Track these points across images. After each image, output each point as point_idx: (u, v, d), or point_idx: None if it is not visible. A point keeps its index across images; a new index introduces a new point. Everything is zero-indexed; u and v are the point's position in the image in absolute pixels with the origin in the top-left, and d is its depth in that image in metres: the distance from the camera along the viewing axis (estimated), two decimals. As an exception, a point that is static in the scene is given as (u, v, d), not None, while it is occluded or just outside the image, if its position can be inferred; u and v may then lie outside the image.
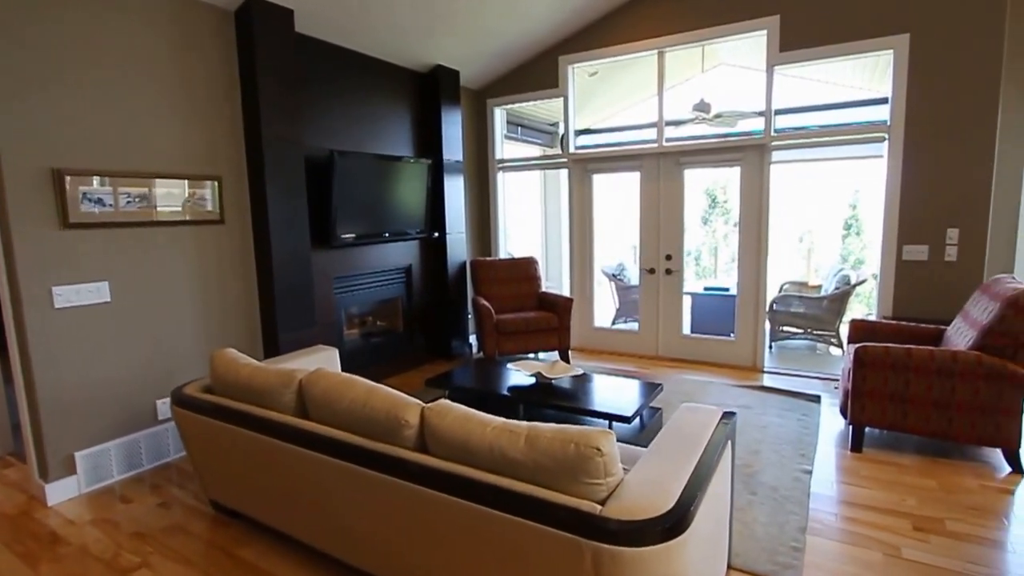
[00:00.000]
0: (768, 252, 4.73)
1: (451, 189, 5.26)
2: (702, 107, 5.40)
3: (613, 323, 6.41)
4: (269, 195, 3.71)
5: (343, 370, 4.43)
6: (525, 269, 5.38)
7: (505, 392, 3.34)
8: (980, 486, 2.84)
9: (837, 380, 4.49)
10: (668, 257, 5.13)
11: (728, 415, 2.12)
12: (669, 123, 5.34)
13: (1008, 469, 2.98)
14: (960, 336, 3.21)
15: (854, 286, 5.52)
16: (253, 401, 2.37)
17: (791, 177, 8.29)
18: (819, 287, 6.52)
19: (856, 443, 3.24)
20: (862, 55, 4.24)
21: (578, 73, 5.62)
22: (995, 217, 4.13)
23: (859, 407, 3.20)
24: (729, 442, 2.04)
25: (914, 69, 4.03)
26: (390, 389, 2.08)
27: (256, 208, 3.76)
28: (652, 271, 5.22)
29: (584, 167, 5.46)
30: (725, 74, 6.61)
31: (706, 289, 6.04)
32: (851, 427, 3.26)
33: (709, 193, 10.11)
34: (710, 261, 9.84)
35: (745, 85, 6.51)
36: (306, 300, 3.99)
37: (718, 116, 5.39)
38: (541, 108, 6.33)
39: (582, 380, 3.41)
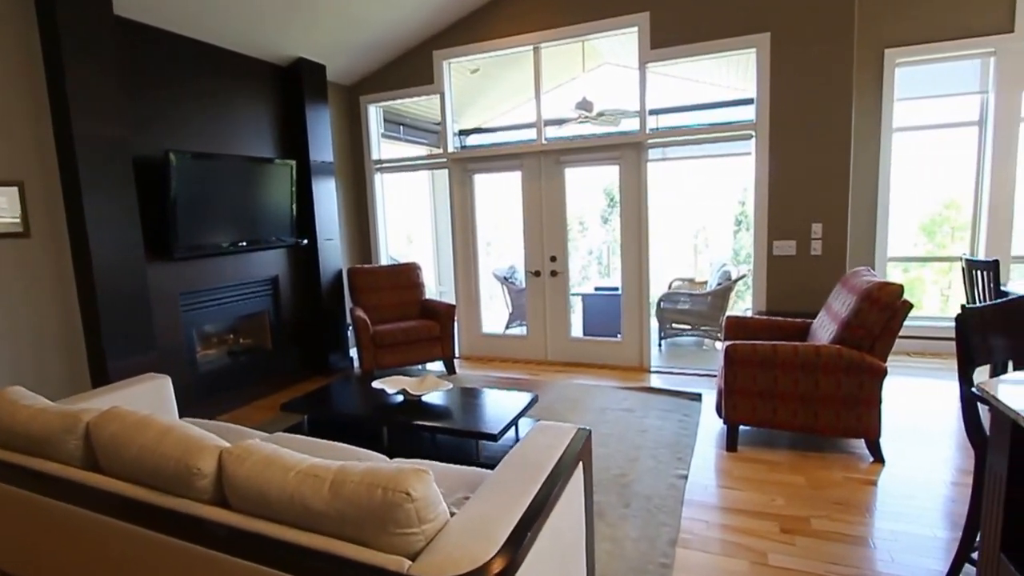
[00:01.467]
0: (649, 250, 4.70)
1: (321, 192, 4.82)
2: (584, 105, 5.32)
3: (507, 327, 6.20)
4: (87, 203, 3.14)
5: (194, 400, 3.90)
6: (407, 276, 5.04)
7: (368, 414, 2.99)
8: (845, 479, 2.85)
9: (716, 375, 4.52)
10: (553, 258, 4.98)
11: (582, 432, 1.90)
12: (552, 122, 5.21)
13: (871, 459, 3.03)
14: (823, 330, 3.25)
15: (734, 281, 5.66)
16: (32, 451, 1.90)
17: (681, 175, 8.52)
18: (705, 283, 6.67)
19: (731, 442, 3.19)
20: (729, 53, 4.30)
21: (458, 70, 5.37)
22: (854, 211, 4.31)
23: (732, 405, 3.15)
24: (581, 463, 1.83)
25: (775, 68, 4.12)
26: (191, 428, 1.69)
27: (72, 218, 3.18)
28: (537, 273, 5.06)
29: (464, 167, 5.21)
30: (608, 73, 6.62)
31: (596, 289, 5.99)
32: (726, 426, 3.21)
33: (607, 192, 10.24)
34: (609, 260, 9.96)
35: (627, 84, 6.55)
36: (141, 320, 3.43)
37: (601, 115, 5.33)
38: (424, 106, 6.02)
39: (453, 395, 3.13)
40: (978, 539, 1.63)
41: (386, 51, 5.06)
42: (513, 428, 2.90)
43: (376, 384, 3.08)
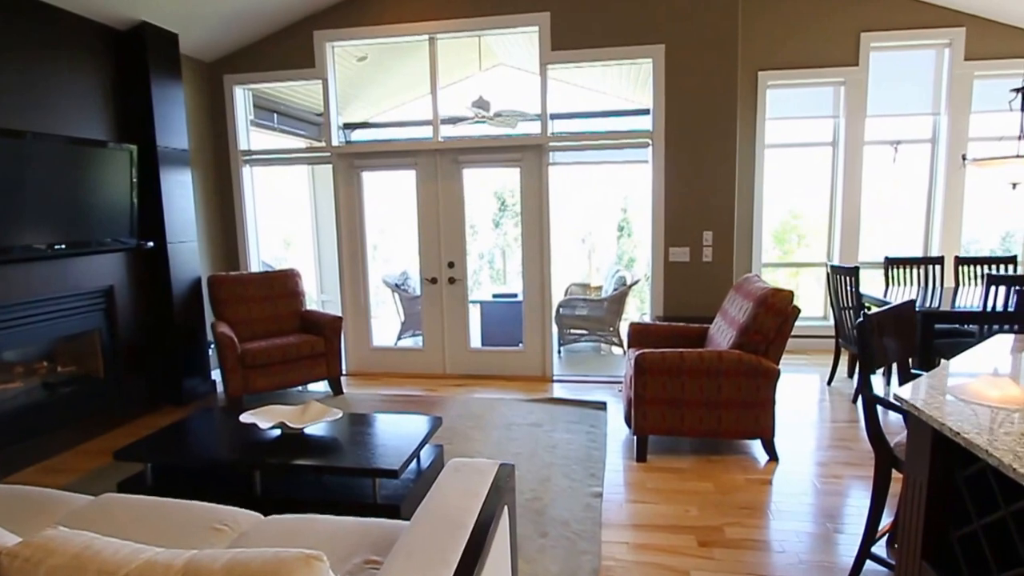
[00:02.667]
0: (551, 255, 4.58)
1: (173, 185, 4.10)
2: (481, 104, 5.09)
3: (399, 339, 5.79)
4: None
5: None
6: (284, 284, 4.46)
7: (234, 456, 2.49)
8: (747, 481, 2.88)
9: (621, 382, 4.51)
10: (451, 264, 4.69)
11: (504, 470, 1.64)
12: (447, 120, 4.92)
13: (767, 458, 3.11)
14: (722, 335, 3.30)
15: (629, 287, 5.74)
16: None
17: (572, 180, 8.62)
18: (600, 288, 6.75)
19: (641, 453, 3.12)
20: (627, 62, 4.31)
21: (344, 56, 4.89)
22: (738, 220, 4.51)
23: (642, 415, 3.08)
24: (507, 507, 1.57)
25: (670, 79, 4.19)
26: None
27: None
28: (434, 280, 4.73)
29: (351, 163, 4.74)
30: (504, 75, 6.48)
31: (495, 297, 5.78)
32: (636, 437, 3.13)
33: (498, 196, 10.12)
34: (502, 265, 9.84)
35: (524, 87, 6.46)
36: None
37: (498, 115, 5.14)
38: (304, 94, 5.43)
39: (342, 425, 2.72)
40: (886, 536, 1.66)
41: (256, 25, 4.45)
42: (416, 459, 2.57)
43: (246, 417, 2.57)
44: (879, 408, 1.96)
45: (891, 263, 4.45)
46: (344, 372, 4.58)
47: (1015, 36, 4.63)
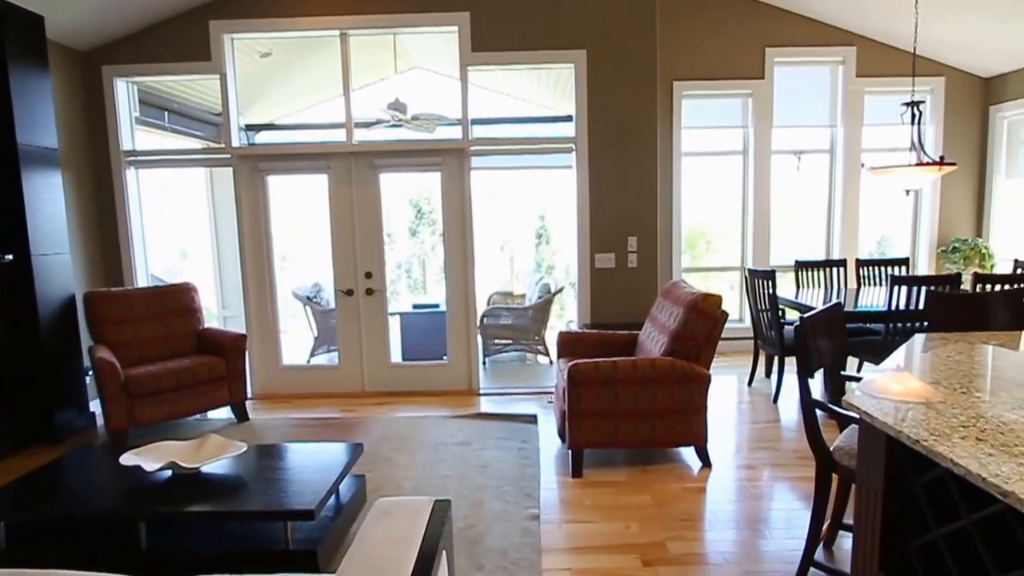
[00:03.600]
0: (475, 263, 4.41)
1: (38, 188, 3.53)
2: (398, 106, 4.84)
3: (312, 355, 5.38)
4: None
5: None
6: (177, 300, 3.97)
7: (114, 506, 2.10)
8: (683, 490, 2.84)
9: (550, 392, 4.41)
10: (368, 275, 4.39)
11: (440, 508, 1.44)
12: (361, 124, 4.63)
13: (700, 464, 3.09)
14: (652, 341, 3.26)
15: (554, 294, 5.68)
16: None
17: (489, 187, 8.50)
18: (524, 296, 6.66)
19: (576, 468, 3.00)
20: (549, 66, 4.25)
21: (245, 51, 4.48)
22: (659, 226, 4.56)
23: (576, 429, 2.97)
24: (445, 552, 1.37)
25: (592, 85, 4.16)
26: None
27: None
28: (350, 292, 4.41)
29: (255, 166, 4.33)
30: (420, 78, 6.25)
31: (415, 307, 5.52)
32: (571, 451, 3.01)
33: (414, 203, 9.85)
34: (420, 274, 9.56)
35: (442, 91, 6.27)
36: None
37: (416, 119, 4.91)
38: (200, 90, 4.92)
39: (247, 459, 2.38)
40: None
41: (140, 11, 3.96)
42: (335, 494, 2.29)
43: (128, 459, 2.18)
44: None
45: (800, 266, 4.67)
46: (250, 396, 4.15)
47: (898, 56, 5.04)
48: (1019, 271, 3.88)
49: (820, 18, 4.99)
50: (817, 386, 4.29)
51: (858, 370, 3.94)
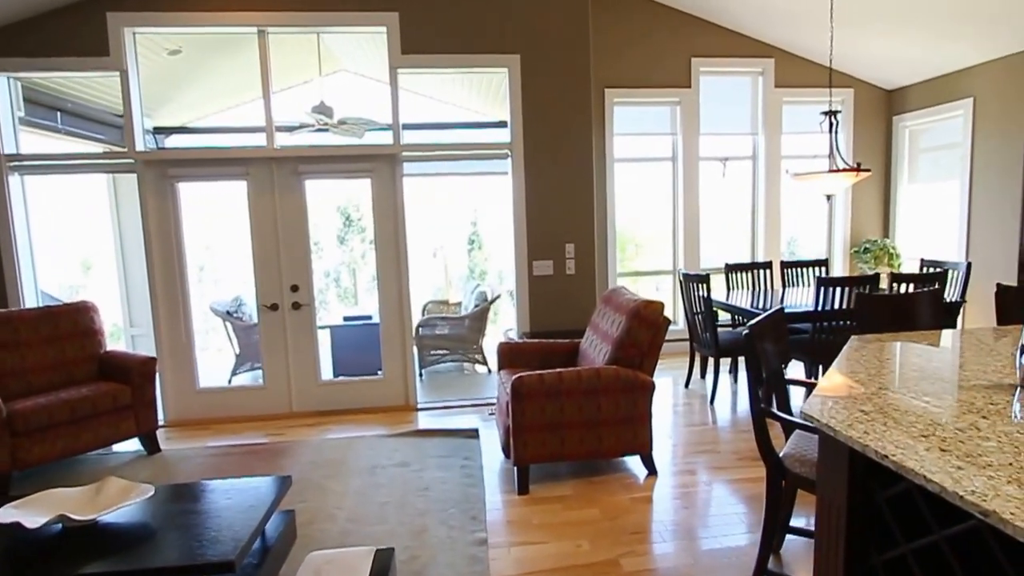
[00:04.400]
0: (409, 272, 4.22)
1: None
2: (323, 110, 4.58)
3: (234, 374, 4.98)
4: None
5: None
6: (73, 321, 3.54)
7: (-14, 568, 1.77)
8: (631, 500, 2.79)
9: (490, 404, 4.29)
10: (295, 288, 4.10)
11: (383, 557, 1.28)
12: (284, 128, 4.35)
13: (646, 472, 3.07)
14: (595, 349, 3.22)
15: (491, 302, 5.58)
16: None
17: (419, 193, 8.29)
18: (459, 304, 6.51)
19: (522, 485, 2.89)
20: (482, 70, 4.15)
21: (151, 47, 4.10)
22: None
23: (521, 444, 2.86)
24: (387, 607, 1.21)
25: (527, 91, 4.10)
26: None
27: None
28: (274, 307, 4.10)
29: (164, 172, 3.95)
30: (347, 81, 5.99)
31: (346, 320, 5.25)
32: (516, 468, 2.90)
33: (343, 211, 9.50)
34: (351, 283, 9.19)
35: (370, 96, 6.04)
36: None
37: (343, 123, 4.67)
38: (100, 89, 4.44)
39: (155, 505, 2.10)
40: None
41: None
42: (260, 537, 2.05)
43: (6, 514, 1.85)
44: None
45: (730, 269, 4.81)
46: (161, 424, 3.76)
47: (813, 69, 5.33)
48: (928, 270, 4.15)
49: (741, 31, 5.19)
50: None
51: (809, 376, 3.96)
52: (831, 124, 3.94)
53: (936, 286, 3.62)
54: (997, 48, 4.36)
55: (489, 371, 5.44)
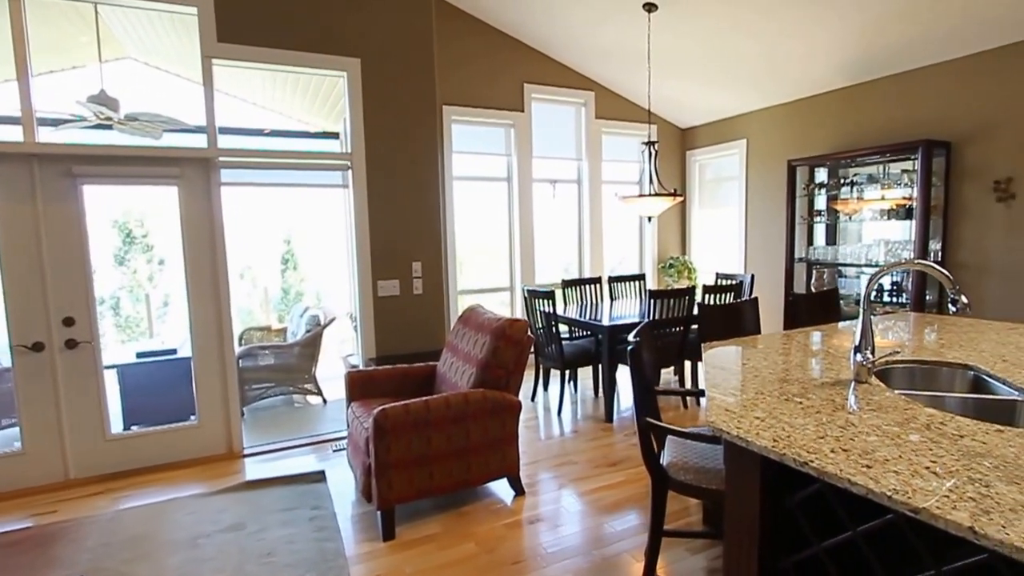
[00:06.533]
0: (230, 296, 3.63)
1: None
2: (104, 101, 3.75)
3: (-31, 440, 3.74)
4: None
5: None
6: None
7: None
8: (505, 527, 2.69)
9: (332, 440, 3.86)
10: (68, 322, 3.22)
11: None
12: (48, 122, 3.46)
13: (513, 493, 3.00)
14: (456, 372, 3.07)
15: (325, 326, 5.08)
16: None
17: (224, 206, 7.31)
18: (285, 330, 5.84)
19: (388, 529, 2.61)
20: (317, 71, 3.76)
21: None
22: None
23: (386, 485, 2.58)
24: None
25: (368, 99, 3.83)
26: None
27: None
28: (38, 347, 3.18)
29: None
30: (138, 72, 5.03)
31: (140, 356, 4.33)
32: (380, 512, 2.61)
33: (122, 227, 7.98)
34: (134, 311, 7.70)
35: (173, 94, 5.16)
36: None
37: (132, 119, 3.88)
38: None
39: None
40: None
41: None
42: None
43: None
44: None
45: (566, 284, 5.07)
46: None
47: (626, 104, 5.93)
48: (722, 282, 4.82)
49: (567, 63, 5.56)
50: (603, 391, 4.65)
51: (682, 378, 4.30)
52: (650, 154, 4.39)
53: (734, 295, 4.23)
54: (764, 99, 5.31)
55: (325, 401, 4.94)
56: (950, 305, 1.72)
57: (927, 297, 4.13)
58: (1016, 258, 3.77)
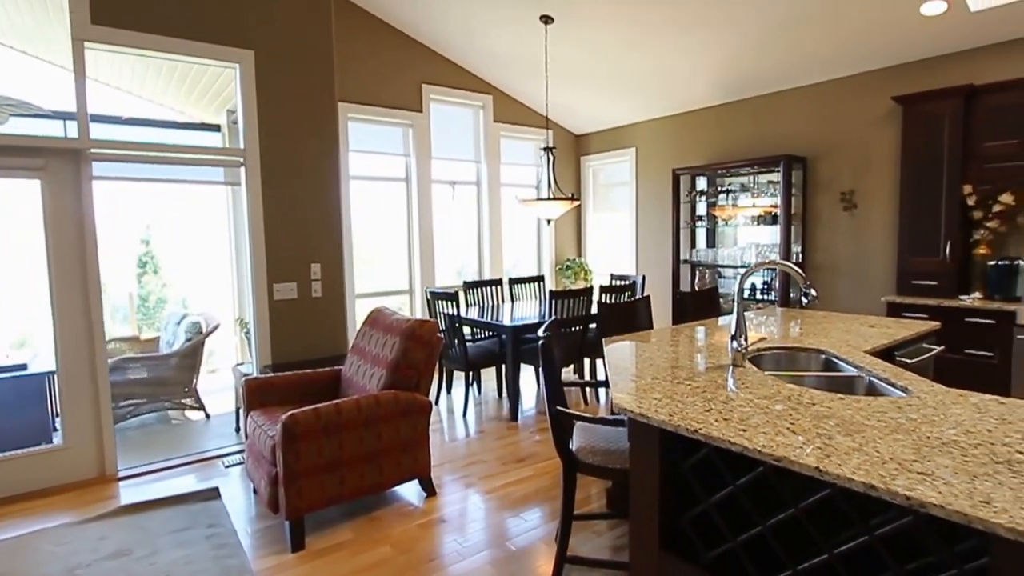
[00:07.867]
0: (102, 303, 3.28)
1: None
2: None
3: None
4: None
5: None
6: None
7: None
8: (419, 528, 2.70)
9: (220, 456, 3.62)
10: None
11: None
12: None
13: (424, 494, 3.02)
14: (363, 375, 3.03)
15: (207, 334, 4.72)
16: None
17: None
18: (157, 339, 5.34)
19: (297, 540, 2.52)
20: (206, 60, 3.50)
21: None
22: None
23: (295, 493, 2.49)
24: None
25: (263, 93, 3.64)
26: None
27: None
28: None
29: None
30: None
31: (-16, 373, 3.77)
32: (289, 522, 2.51)
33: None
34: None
35: (25, 77, 4.53)
36: None
37: (-30, 100, 3.37)
38: None
39: None
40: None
41: None
42: None
43: None
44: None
45: (468, 286, 5.14)
46: None
47: (523, 109, 6.13)
48: (616, 282, 5.16)
49: (466, 67, 5.64)
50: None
51: (582, 375, 4.50)
52: (549, 159, 4.59)
53: (628, 294, 4.55)
54: (652, 111, 5.75)
55: (208, 416, 4.60)
56: (802, 298, 2.03)
57: (791, 294, 4.72)
58: (859, 259, 4.44)
